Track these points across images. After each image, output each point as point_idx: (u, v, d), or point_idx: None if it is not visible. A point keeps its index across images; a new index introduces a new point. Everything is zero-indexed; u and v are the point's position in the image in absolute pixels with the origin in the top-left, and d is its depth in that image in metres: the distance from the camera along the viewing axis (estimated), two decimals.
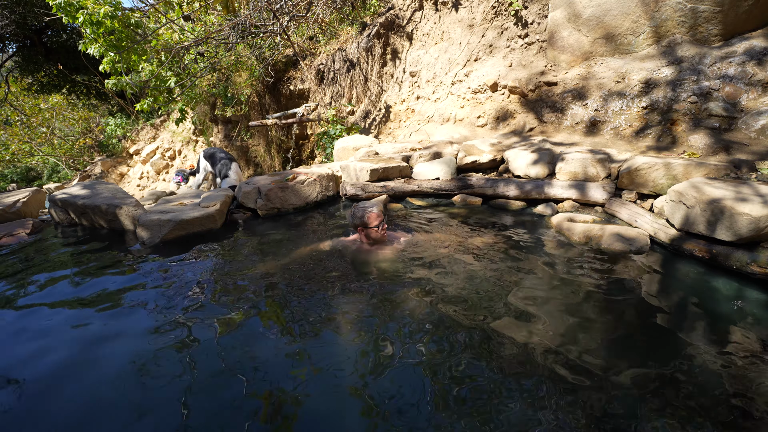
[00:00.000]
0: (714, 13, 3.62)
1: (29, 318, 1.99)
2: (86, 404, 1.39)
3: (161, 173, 12.36)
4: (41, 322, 1.94)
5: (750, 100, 3.35)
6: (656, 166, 2.94)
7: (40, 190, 4.25)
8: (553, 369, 1.46)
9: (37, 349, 1.72)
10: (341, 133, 6.61)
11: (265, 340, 1.71)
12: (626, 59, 4.15)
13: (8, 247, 3.10)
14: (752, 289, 1.99)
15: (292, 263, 2.48)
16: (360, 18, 7.38)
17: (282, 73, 8.10)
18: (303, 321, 1.86)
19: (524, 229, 2.92)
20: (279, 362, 1.57)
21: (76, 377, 1.53)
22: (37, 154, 16.24)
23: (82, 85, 13.57)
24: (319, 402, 1.36)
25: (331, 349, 1.64)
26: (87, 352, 1.68)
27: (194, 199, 3.74)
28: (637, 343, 1.63)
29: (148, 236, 3.03)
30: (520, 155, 3.73)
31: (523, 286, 2.10)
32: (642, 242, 2.51)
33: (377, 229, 2.47)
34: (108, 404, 1.39)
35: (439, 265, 2.35)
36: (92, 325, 1.90)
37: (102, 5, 5.18)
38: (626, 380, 1.40)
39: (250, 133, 8.77)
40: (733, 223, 2.10)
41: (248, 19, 6.43)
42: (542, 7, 5.00)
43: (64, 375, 1.54)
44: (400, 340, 1.66)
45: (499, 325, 1.74)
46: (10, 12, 10.54)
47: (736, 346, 1.58)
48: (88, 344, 1.74)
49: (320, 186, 4.02)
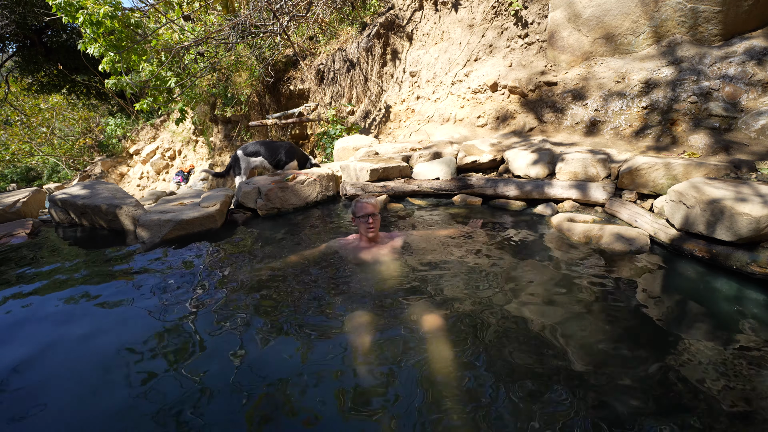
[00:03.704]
0: (714, 13, 3.62)
1: (29, 318, 1.99)
2: (85, 404, 1.39)
3: (161, 173, 12.37)
4: (41, 322, 1.94)
5: (750, 100, 3.35)
6: (656, 166, 2.94)
7: (40, 190, 4.25)
8: (552, 368, 1.46)
9: (37, 349, 1.72)
10: (341, 133, 6.61)
11: (264, 340, 1.71)
12: (626, 59, 4.15)
13: (8, 247, 3.09)
14: (752, 289, 1.99)
15: (292, 263, 2.48)
16: (360, 18, 7.38)
17: (282, 73, 8.10)
18: (302, 321, 1.86)
19: (524, 229, 2.92)
20: (279, 362, 1.56)
21: (75, 377, 1.53)
22: (37, 154, 16.25)
23: (82, 85, 13.57)
24: (320, 402, 1.36)
25: (330, 348, 1.64)
26: (87, 352, 1.68)
27: (194, 199, 3.74)
28: (636, 343, 1.63)
29: (148, 236, 3.03)
30: (520, 155, 3.73)
31: (523, 286, 2.10)
32: (642, 242, 2.51)
33: (364, 221, 2.41)
34: (106, 404, 1.38)
35: (438, 265, 2.35)
36: (92, 325, 1.90)
37: (102, 5, 5.19)
38: (626, 380, 1.40)
39: (250, 133, 8.78)
40: (733, 223, 2.10)
41: (248, 19, 6.43)
42: (542, 7, 5.00)
43: (63, 375, 1.54)
44: (399, 340, 1.66)
45: (499, 326, 1.74)
46: (10, 12, 10.55)
47: (736, 347, 1.58)
48: (88, 344, 1.74)
49: (320, 186, 4.02)
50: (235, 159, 4.82)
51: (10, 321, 1.98)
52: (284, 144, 4.86)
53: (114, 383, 1.48)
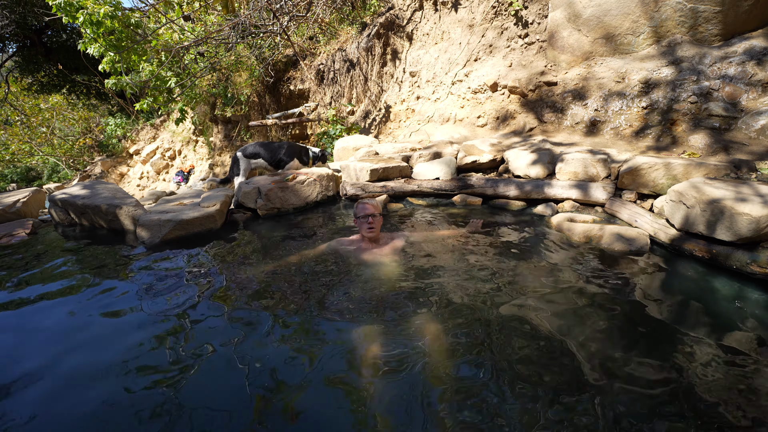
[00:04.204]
0: (714, 13, 3.62)
1: (28, 318, 1.99)
2: (83, 404, 1.39)
3: (161, 173, 12.37)
4: (40, 323, 1.94)
5: (750, 100, 3.35)
6: (656, 166, 2.94)
7: (40, 190, 4.25)
8: (552, 368, 1.46)
9: (35, 348, 1.72)
10: (341, 133, 6.62)
11: (264, 340, 1.71)
12: (626, 59, 4.15)
13: (8, 247, 3.09)
14: (752, 289, 1.99)
15: (292, 263, 2.48)
16: (360, 18, 7.39)
17: (282, 73, 8.10)
18: (302, 321, 1.86)
19: (524, 229, 2.92)
20: (278, 362, 1.56)
21: (74, 377, 1.53)
22: (37, 154, 16.26)
23: (82, 85, 13.58)
24: (319, 403, 1.36)
25: (330, 348, 1.64)
26: (86, 352, 1.68)
27: (194, 199, 3.73)
28: (636, 343, 1.63)
29: (148, 236, 3.03)
30: (520, 155, 3.73)
31: (523, 286, 2.10)
32: (642, 242, 2.51)
33: (364, 221, 2.47)
34: (105, 404, 1.38)
35: (438, 266, 2.35)
36: (91, 325, 1.90)
37: (102, 5, 5.19)
38: (625, 380, 1.40)
39: (250, 133, 8.78)
40: (733, 223, 2.10)
41: (248, 19, 6.43)
42: (542, 7, 5.00)
43: (62, 374, 1.54)
44: (399, 340, 1.66)
45: (499, 326, 1.74)
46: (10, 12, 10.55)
47: (737, 347, 1.58)
48: (87, 344, 1.74)
49: (320, 186, 4.02)
50: (235, 160, 4.83)
51: (9, 321, 1.98)
52: (284, 144, 4.86)
53: (113, 383, 1.48)
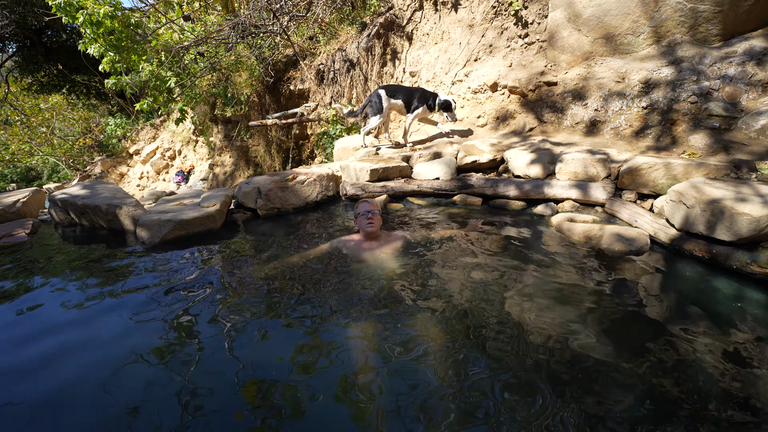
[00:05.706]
0: (714, 13, 3.62)
1: (27, 318, 1.99)
2: (84, 404, 1.39)
3: (161, 173, 12.37)
4: (39, 323, 1.94)
5: (750, 100, 3.35)
6: (656, 166, 2.94)
7: (40, 190, 4.25)
8: (551, 368, 1.46)
9: (34, 348, 1.72)
10: (341, 133, 6.61)
11: (264, 340, 1.71)
12: (626, 59, 4.15)
13: (8, 247, 3.09)
14: (752, 289, 1.99)
15: (292, 263, 2.48)
16: (360, 18, 7.38)
17: (282, 73, 8.10)
18: (303, 321, 1.86)
19: (524, 229, 2.92)
20: (279, 363, 1.56)
21: (74, 376, 1.53)
22: (37, 154, 16.26)
23: (82, 85, 13.58)
24: (319, 402, 1.36)
25: (330, 348, 1.64)
26: (86, 351, 1.68)
27: (194, 199, 3.74)
28: (636, 343, 1.63)
29: (148, 236, 3.03)
30: (520, 155, 3.73)
31: (523, 286, 2.10)
32: (642, 242, 2.51)
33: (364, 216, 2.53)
34: (104, 404, 1.38)
35: (438, 265, 2.35)
36: (91, 324, 1.90)
37: (102, 5, 5.19)
38: (625, 380, 1.40)
39: (250, 133, 8.78)
40: (733, 223, 2.10)
41: (248, 19, 6.43)
42: (542, 7, 5.00)
43: (62, 374, 1.54)
44: (398, 341, 1.66)
45: (499, 325, 1.74)
46: (10, 12, 10.55)
47: (736, 347, 1.58)
48: (87, 343, 1.74)
49: (320, 186, 4.02)
50: (376, 97, 4.63)
51: (8, 321, 1.98)
52: (418, 89, 4.88)
53: (112, 383, 1.48)
